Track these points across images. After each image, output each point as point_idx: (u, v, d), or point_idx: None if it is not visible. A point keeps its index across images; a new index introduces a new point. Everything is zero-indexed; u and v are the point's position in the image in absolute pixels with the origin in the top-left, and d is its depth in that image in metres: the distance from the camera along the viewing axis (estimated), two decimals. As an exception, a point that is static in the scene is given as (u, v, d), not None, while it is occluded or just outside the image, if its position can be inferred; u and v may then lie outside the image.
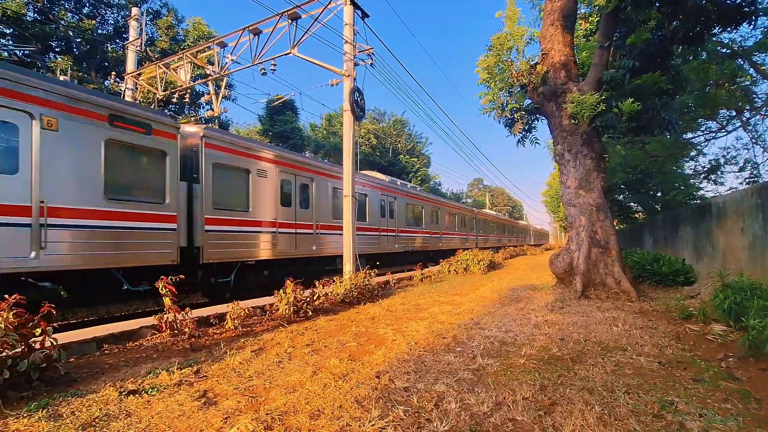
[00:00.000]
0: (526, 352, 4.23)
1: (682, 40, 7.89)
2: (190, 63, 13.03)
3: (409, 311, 6.85)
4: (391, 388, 3.28)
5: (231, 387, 3.34)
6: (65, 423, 2.67)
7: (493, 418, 2.72)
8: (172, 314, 4.85)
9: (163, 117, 7.68)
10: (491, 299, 8.04)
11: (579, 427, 2.57)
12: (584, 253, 7.95)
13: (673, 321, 5.72)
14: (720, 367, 3.78)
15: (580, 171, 8.41)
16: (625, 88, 7.91)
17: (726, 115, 16.80)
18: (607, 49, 8.26)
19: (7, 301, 3.32)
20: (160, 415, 2.80)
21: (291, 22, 10.29)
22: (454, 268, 14.30)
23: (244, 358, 4.14)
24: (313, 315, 6.42)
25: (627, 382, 3.37)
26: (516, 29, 9.14)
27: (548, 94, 8.75)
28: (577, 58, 10.31)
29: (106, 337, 4.72)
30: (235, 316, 5.39)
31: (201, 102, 23.27)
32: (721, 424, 2.61)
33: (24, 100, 5.75)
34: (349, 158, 10.03)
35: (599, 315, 6.08)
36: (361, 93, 10.35)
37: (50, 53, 21.53)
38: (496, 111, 9.77)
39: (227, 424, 2.66)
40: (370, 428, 2.57)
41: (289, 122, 31.23)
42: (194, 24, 24.31)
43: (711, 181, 18.23)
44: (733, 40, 13.96)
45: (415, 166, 45.57)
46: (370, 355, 4.24)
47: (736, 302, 4.91)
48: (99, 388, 3.31)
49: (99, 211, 6.48)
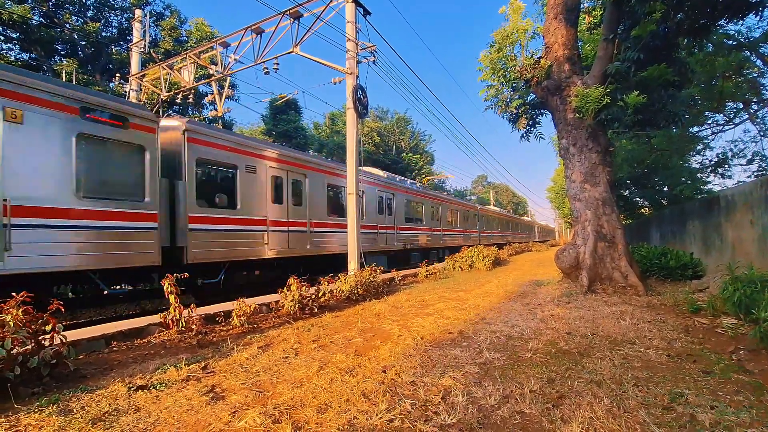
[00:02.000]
0: (533, 346, 4.21)
1: (687, 32, 7.79)
2: (193, 63, 13.08)
3: (414, 307, 6.84)
4: (397, 382, 3.27)
5: (238, 382, 3.35)
6: (75, 418, 2.69)
7: (501, 411, 2.71)
8: (178, 312, 4.88)
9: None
10: (497, 295, 8.01)
11: (588, 419, 2.55)
12: (590, 247, 7.89)
13: (682, 314, 5.66)
14: (731, 359, 3.73)
15: (586, 165, 8.34)
16: (631, 81, 7.82)
17: (733, 108, 16.60)
18: (611, 42, 8.17)
19: (15, 299, 3.35)
20: (169, 410, 2.82)
21: (293, 20, 10.28)
22: (459, 264, 14.26)
23: (250, 354, 4.15)
24: (318, 312, 6.43)
25: (636, 374, 3.34)
26: (519, 24, 9.09)
27: (552, 88, 8.69)
28: (581, 51, 10.22)
29: (115, 334, 4.75)
30: (241, 313, 5.41)
31: (204, 102, 23.43)
32: (733, 416, 2.57)
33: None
34: (352, 156, 10.02)
35: (606, 309, 6.04)
36: (364, 91, 10.34)
37: (56, 57, 21.74)
38: (500, 106, 9.72)
39: (235, 417, 2.67)
40: (378, 421, 2.57)
41: (292, 121, 31.28)
42: (197, 25, 24.41)
43: (718, 174, 18.03)
44: (739, 32, 13.79)
45: (419, 164, 45.48)
46: (376, 350, 4.24)
47: (747, 295, 4.85)
48: (108, 383, 3.33)
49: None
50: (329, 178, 12.30)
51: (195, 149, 8.21)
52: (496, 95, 9.60)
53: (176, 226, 7.93)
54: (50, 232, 5.90)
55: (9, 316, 3.24)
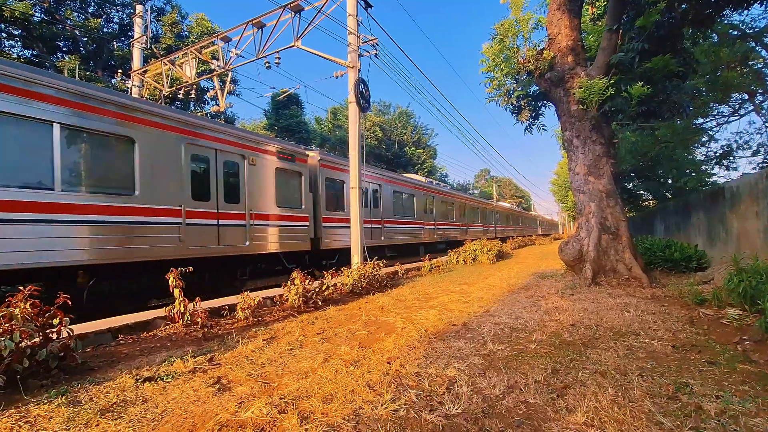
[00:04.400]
0: (537, 338, 4.21)
1: (692, 22, 7.70)
2: (194, 58, 13.05)
3: (418, 300, 6.85)
4: (402, 373, 3.29)
5: (244, 374, 3.38)
6: (84, 408, 2.73)
7: (506, 401, 2.72)
8: (183, 306, 4.91)
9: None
10: (501, 288, 8.01)
11: (592, 408, 2.56)
12: (594, 239, 7.87)
13: (687, 306, 5.65)
14: (736, 350, 3.73)
15: (589, 157, 8.29)
16: (635, 72, 7.75)
17: (738, 99, 16.41)
18: (615, 32, 8.09)
19: (23, 292, 3.38)
20: (176, 401, 2.85)
21: (294, 14, 10.23)
22: (462, 258, 14.26)
23: (256, 346, 4.18)
24: (322, 305, 6.46)
25: (640, 365, 3.34)
26: (521, 15, 9.00)
27: (555, 80, 8.62)
28: (585, 42, 10.12)
29: (121, 327, 4.79)
30: (246, 307, 5.44)
31: (206, 98, 23.39)
32: (739, 405, 2.57)
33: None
34: (355, 150, 10.00)
35: (610, 301, 6.03)
36: (366, 84, 10.29)
37: (58, 53, 21.74)
38: (502, 98, 9.65)
39: (242, 408, 2.69)
40: (383, 411, 2.59)
41: (294, 116, 31.22)
42: (198, 20, 24.32)
43: (723, 166, 17.88)
44: (744, 22, 13.61)
45: (422, 158, 45.36)
46: (380, 342, 4.26)
47: (752, 286, 4.83)
48: (115, 375, 3.36)
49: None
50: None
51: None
52: (499, 87, 9.53)
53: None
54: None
55: (17, 309, 3.28)
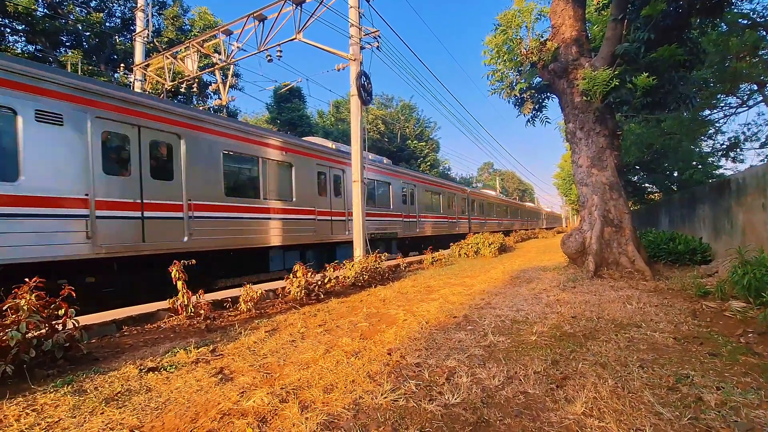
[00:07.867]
0: (538, 330, 4.22)
1: (699, 11, 7.56)
2: (196, 52, 13.00)
3: (420, 293, 6.87)
4: (402, 363, 3.31)
5: (246, 364, 3.42)
6: (89, 397, 2.77)
7: (505, 392, 2.73)
8: (186, 298, 4.96)
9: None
10: (502, 280, 8.01)
11: (592, 399, 2.57)
12: (597, 232, 7.83)
13: (690, 299, 5.63)
14: (739, 342, 3.71)
15: (593, 149, 8.23)
16: (640, 63, 7.64)
17: (747, 90, 16.17)
18: (620, 22, 7.97)
19: (28, 284, 3.42)
20: (179, 390, 2.89)
21: (295, 6, 10.13)
22: (464, 251, 14.27)
23: (258, 337, 4.22)
24: (324, 297, 6.49)
25: (641, 357, 3.34)
26: (525, 6, 8.89)
27: (559, 71, 8.52)
28: (589, 32, 9.97)
29: (125, 319, 4.85)
30: (248, 299, 5.48)
31: (209, 92, 23.38)
32: (740, 397, 2.56)
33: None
34: (357, 143, 9.98)
35: (612, 294, 6.02)
36: (368, 77, 10.22)
37: (61, 48, 21.76)
38: (505, 91, 9.57)
39: (244, 397, 2.73)
40: (383, 400, 2.61)
41: (296, 110, 31.14)
42: (200, 14, 24.23)
43: (730, 158, 17.68)
44: (754, 10, 13.36)
45: (424, 151, 45.17)
46: (381, 334, 4.28)
47: (757, 278, 4.80)
48: (120, 366, 3.42)
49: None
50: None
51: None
52: (502, 79, 9.44)
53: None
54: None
55: (23, 300, 3.32)
